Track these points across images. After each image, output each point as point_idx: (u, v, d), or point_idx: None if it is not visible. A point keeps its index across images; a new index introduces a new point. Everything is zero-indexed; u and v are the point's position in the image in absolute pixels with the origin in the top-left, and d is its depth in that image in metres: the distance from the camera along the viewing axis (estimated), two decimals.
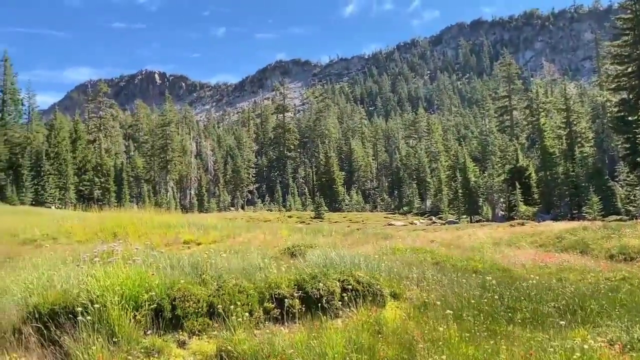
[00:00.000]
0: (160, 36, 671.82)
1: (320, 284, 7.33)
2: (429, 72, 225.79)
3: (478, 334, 6.47)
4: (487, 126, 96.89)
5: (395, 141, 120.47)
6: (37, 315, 6.20)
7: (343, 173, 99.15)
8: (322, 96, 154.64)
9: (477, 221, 56.84)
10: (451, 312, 7.00)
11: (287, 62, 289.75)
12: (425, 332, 6.44)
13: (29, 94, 79.34)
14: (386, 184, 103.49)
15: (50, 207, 57.80)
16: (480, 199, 67.12)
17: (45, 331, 5.95)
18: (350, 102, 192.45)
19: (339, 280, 7.58)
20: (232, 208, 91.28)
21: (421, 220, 62.08)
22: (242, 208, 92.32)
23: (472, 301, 7.83)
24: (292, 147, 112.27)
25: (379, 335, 6.40)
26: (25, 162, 65.56)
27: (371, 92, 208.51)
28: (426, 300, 8.04)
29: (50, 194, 66.68)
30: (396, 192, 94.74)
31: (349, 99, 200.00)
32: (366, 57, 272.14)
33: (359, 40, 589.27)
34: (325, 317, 6.84)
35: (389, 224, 53.00)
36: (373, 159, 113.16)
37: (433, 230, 32.97)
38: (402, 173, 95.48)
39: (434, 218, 66.29)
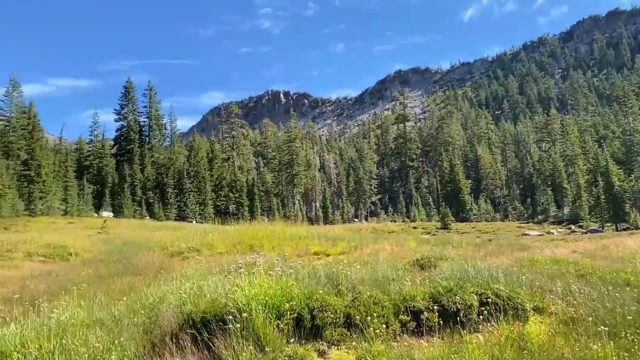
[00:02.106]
0: (284, 57, 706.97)
1: (457, 297, 7.14)
2: (559, 70, 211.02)
3: (639, 354, 5.89)
4: (631, 125, 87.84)
5: (526, 145, 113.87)
6: (190, 322, 6.78)
7: (469, 181, 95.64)
8: (444, 103, 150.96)
9: (624, 229, 51.68)
10: (605, 328, 6.45)
11: (406, 71, 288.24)
12: (576, 349, 6.00)
13: (171, 119, 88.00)
14: (517, 191, 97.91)
15: (191, 222, 62.87)
16: (627, 205, 60.98)
17: (198, 336, 6.47)
18: (475, 107, 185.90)
19: (476, 294, 7.32)
20: (355, 219, 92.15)
21: (559, 230, 57.76)
22: (365, 219, 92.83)
23: (629, 317, 7.12)
24: (414, 156, 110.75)
25: (524, 352, 6.07)
26: (169, 181, 72.15)
27: (497, 95, 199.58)
28: (574, 315, 7.47)
29: (192, 209, 72.57)
30: (529, 199, 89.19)
31: (473, 103, 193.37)
32: (489, 59, 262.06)
33: (480, 43, 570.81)
34: (464, 331, 6.65)
35: (523, 234, 49.89)
36: (502, 165, 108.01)
37: (573, 239, 30.50)
38: (535, 179, 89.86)
39: (573, 227, 61.33)
